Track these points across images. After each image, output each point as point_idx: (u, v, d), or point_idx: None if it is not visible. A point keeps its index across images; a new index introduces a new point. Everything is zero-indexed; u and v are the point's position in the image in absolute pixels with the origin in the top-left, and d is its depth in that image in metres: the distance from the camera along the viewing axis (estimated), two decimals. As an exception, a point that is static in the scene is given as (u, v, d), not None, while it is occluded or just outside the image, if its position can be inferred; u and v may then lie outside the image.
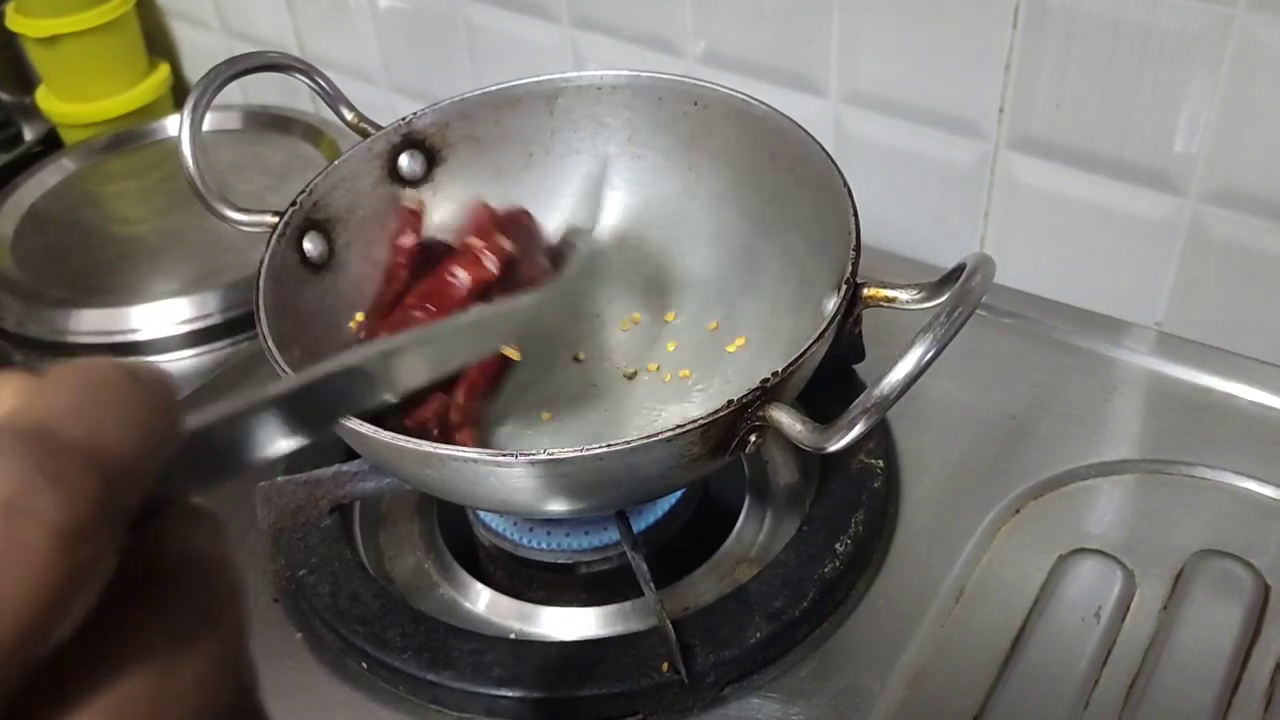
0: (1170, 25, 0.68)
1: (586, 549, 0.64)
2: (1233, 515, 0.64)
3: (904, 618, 0.61)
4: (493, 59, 1.01)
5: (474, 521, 0.67)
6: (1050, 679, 0.57)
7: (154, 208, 1.06)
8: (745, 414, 0.50)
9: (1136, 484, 0.66)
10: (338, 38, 1.12)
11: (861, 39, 0.80)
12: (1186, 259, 0.76)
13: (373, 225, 0.68)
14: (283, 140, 1.09)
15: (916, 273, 0.60)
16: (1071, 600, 0.60)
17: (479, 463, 0.50)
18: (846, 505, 0.64)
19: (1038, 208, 0.80)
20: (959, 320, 0.46)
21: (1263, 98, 0.68)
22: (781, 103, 0.72)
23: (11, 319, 0.93)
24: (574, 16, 0.93)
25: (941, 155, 0.82)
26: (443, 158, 0.71)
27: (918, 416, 0.70)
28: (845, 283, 0.55)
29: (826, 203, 0.61)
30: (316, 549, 0.64)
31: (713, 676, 0.57)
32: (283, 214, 0.63)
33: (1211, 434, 0.68)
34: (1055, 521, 0.65)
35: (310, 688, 0.60)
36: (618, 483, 0.53)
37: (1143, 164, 0.74)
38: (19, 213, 1.04)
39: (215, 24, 1.22)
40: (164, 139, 1.14)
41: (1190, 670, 0.57)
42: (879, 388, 0.46)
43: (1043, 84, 0.74)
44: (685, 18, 0.87)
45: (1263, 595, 0.60)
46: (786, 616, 0.59)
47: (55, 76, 1.20)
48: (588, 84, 0.71)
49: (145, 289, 0.94)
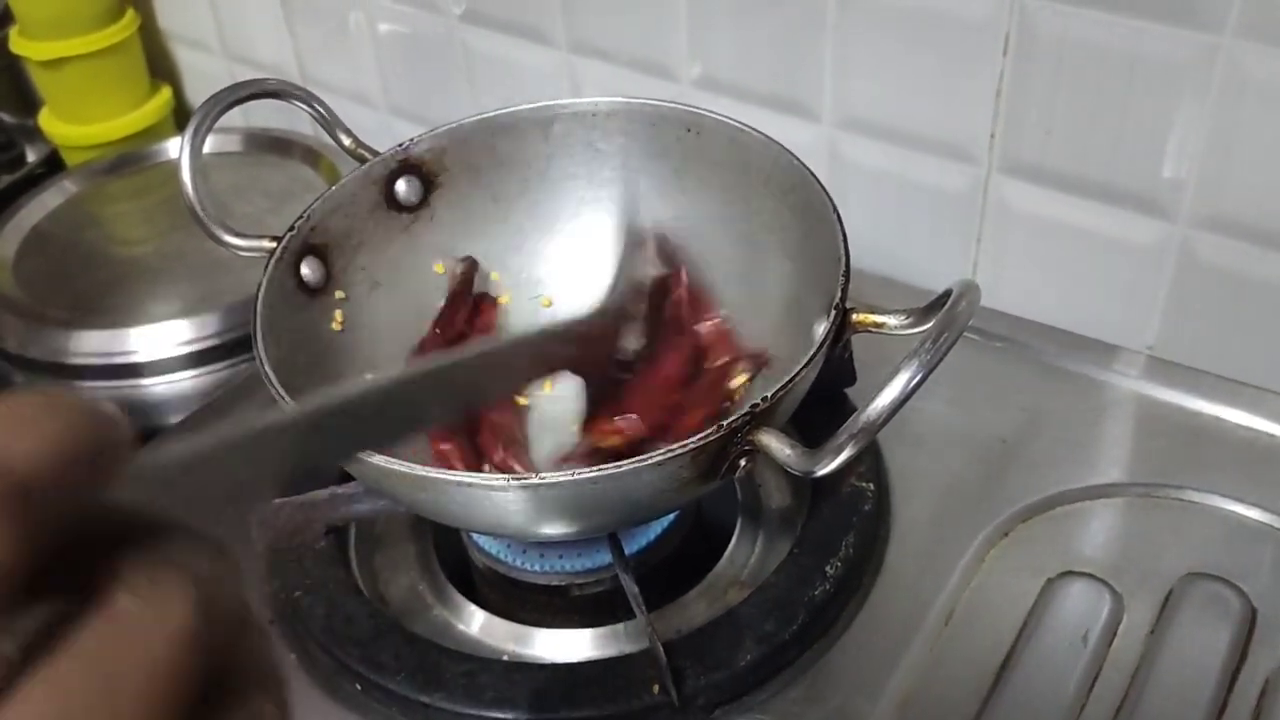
0: (1157, 53, 0.69)
1: (579, 571, 0.65)
2: (1221, 539, 0.65)
3: (894, 640, 0.62)
4: (491, 83, 1.02)
5: (468, 544, 0.68)
6: (1038, 702, 0.58)
7: (155, 229, 1.07)
8: (734, 438, 0.51)
9: (1125, 507, 0.67)
10: (337, 61, 1.13)
11: (855, 65, 0.81)
12: (1177, 284, 0.76)
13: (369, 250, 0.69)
14: (282, 163, 1.10)
15: (909, 296, 0.61)
16: (1060, 623, 0.61)
17: (472, 486, 0.51)
18: (837, 528, 0.64)
19: (1029, 232, 0.81)
20: (945, 346, 0.47)
21: (1250, 125, 0.69)
22: (776, 128, 0.73)
23: (13, 340, 0.93)
24: (571, 41, 0.94)
25: (934, 180, 0.82)
26: (439, 183, 0.72)
27: (909, 439, 0.71)
28: (834, 308, 0.56)
29: (817, 229, 0.62)
30: (312, 571, 0.65)
31: (703, 699, 0.58)
32: (280, 239, 0.64)
33: (1200, 457, 0.69)
34: (1044, 544, 0.65)
35: (304, 709, 0.61)
36: (609, 506, 0.54)
37: (1132, 190, 0.75)
38: (21, 234, 1.05)
39: (216, 47, 1.23)
40: (165, 161, 1.14)
41: (1177, 694, 0.58)
42: (865, 413, 0.47)
43: (1033, 111, 0.75)
44: (680, 43, 0.88)
45: (1250, 618, 0.60)
46: (777, 639, 0.59)
47: (58, 99, 1.21)
48: (583, 110, 0.72)
49: (146, 310, 0.94)
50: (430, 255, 0.72)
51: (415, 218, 0.72)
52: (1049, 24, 0.71)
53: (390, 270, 0.70)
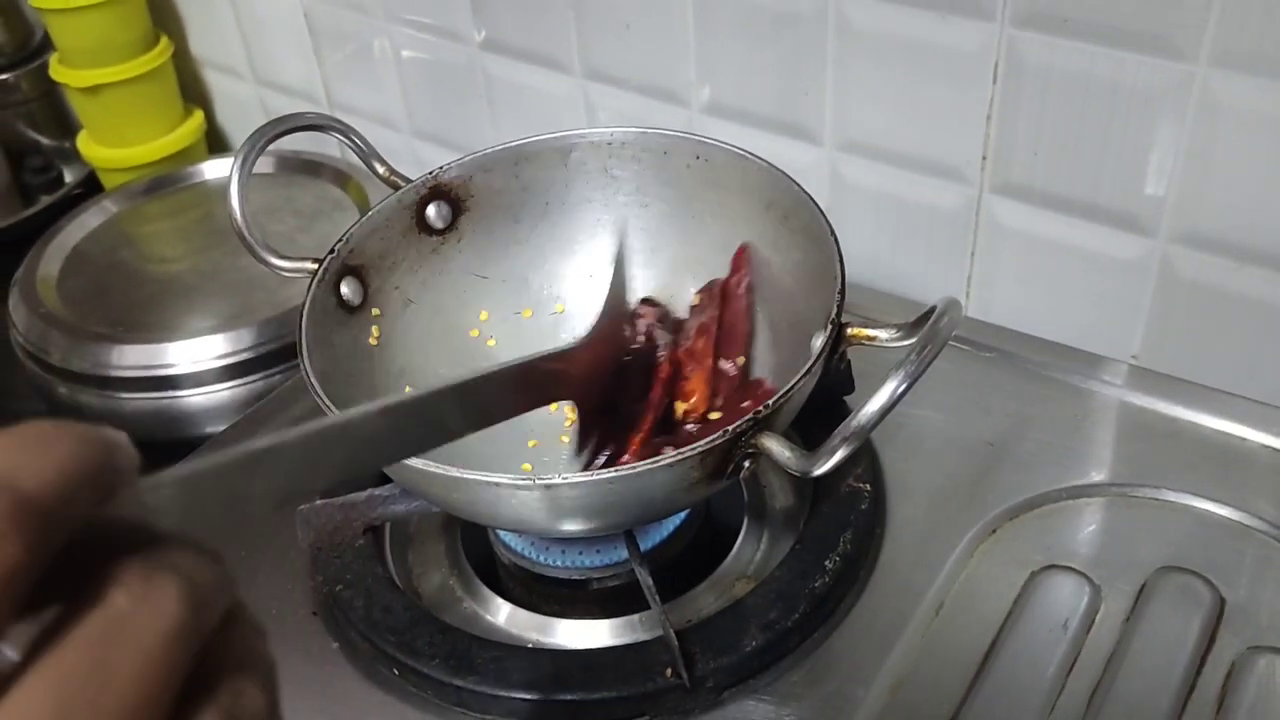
0: (1136, 81, 0.71)
1: (598, 566, 0.67)
2: (1193, 534, 0.67)
3: (888, 629, 0.64)
4: (509, 107, 1.04)
5: (494, 541, 0.71)
6: (1021, 685, 0.60)
7: (190, 247, 1.08)
8: (739, 442, 0.54)
9: (1105, 506, 0.69)
10: (363, 86, 1.15)
11: (854, 91, 0.83)
12: (1158, 296, 0.78)
13: (402, 270, 0.73)
14: (312, 184, 1.12)
15: (907, 308, 0.62)
16: (1042, 613, 0.63)
17: (501, 486, 0.54)
18: (836, 526, 0.67)
19: (1019, 248, 0.82)
20: (928, 357, 0.51)
21: (1223, 147, 0.70)
22: (780, 150, 0.76)
23: (57, 354, 0.95)
24: (586, 69, 0.96)
25: (930, 199, 0.84)
26: (466, 207, 0.75)
27: (903, 443, 0.73)
28: (831, 323, 0.59)
29: (816, 249, 0.65)
30: (351, 566, 0.68)
31: (712, 681, 0.61)
32: (322, 261, 0.68)
33: (1175, 460, 0.71)
34: (1029, 540, 0.67)
35: (347, 692, 0.64)
36: (625, 504, 0.57)
37: (1115, 208, 0.76)
38: (63, 254, 1.06)
39: (246, 73, 1.26)
40: (199, 182, 1.17)
41: (1149, 676, 0.60)
42: (857, 418, 0.50)
43: (1021, 134, 0.77)
44: (690, 71, 0.90)
45: (1218, 608, 0.63)
46: (780, 627, 0.62)
47: (96, 123, 1.24)
48: (599, 140, 0.75)
49: (183, 325, 0.96)
50: (458, 274, 0.75)
51: (444, 239, 0.75)
52: (1035, 54, 0.74)
53: (421, 289, 0.74)
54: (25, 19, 1.30)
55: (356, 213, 1.06)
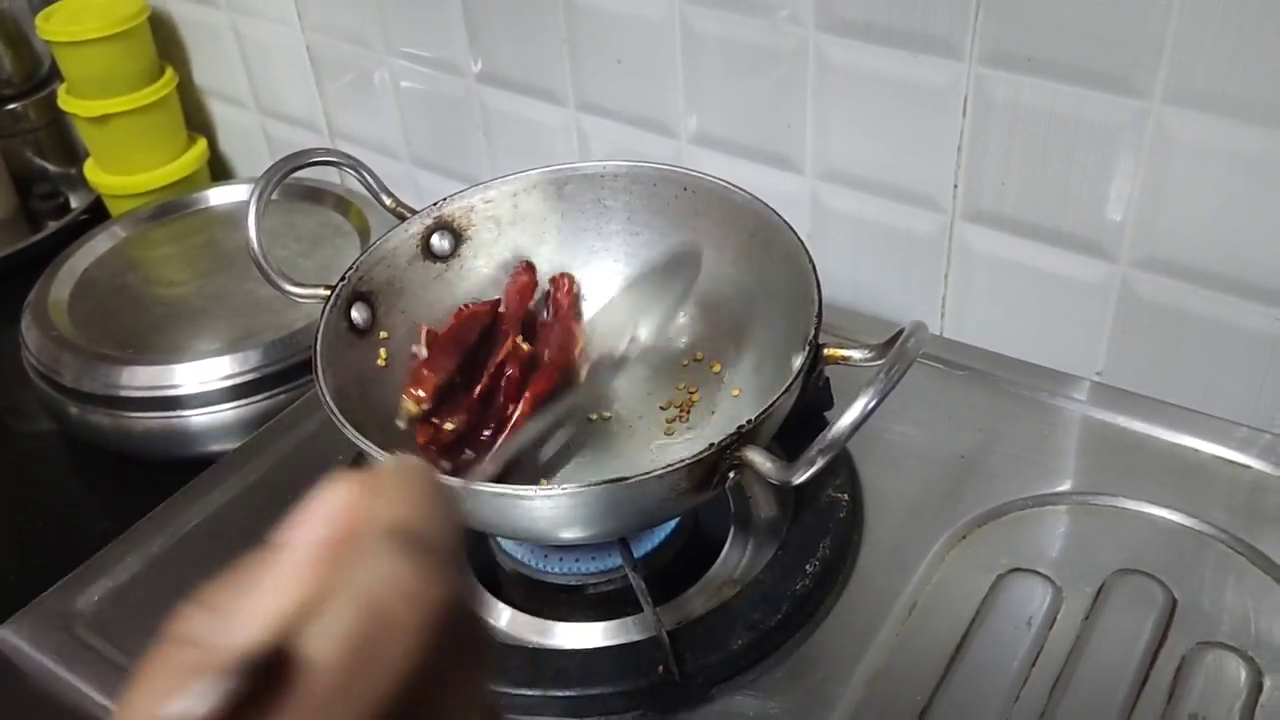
0: (1096, 116, 0.74)
1: (594, 572, 0.71)
2: (1149, 540, 0.70)
3: (865, 628, 0.67)
4: (505, 137, 1.07)
5: (496, 550, 0.74)
6: (988, 678, 0.64)
7: (196, 272, 1.10)
8: (724, 455, 0.58)
9: (1067, 513, 0.73)
10: (363, 116, 1.17)
11: (834, 124, 0.86)
12: (1119, 317, 0.82)
13: (408, 296, 0.77)
14: (314, 210, 1.14)
15: (883, 329, 0.65)
16: (1007, 612, 0.67)
17: (504, 496, 0.58)
18: (817, 533, 0.70)
19: (990, 272, 0.86)
20: (896, 376, 0.55)
21: (1176, 178, 0.74)
22: (765, 179, 0.78)
23: (69, 375, 0.98)
24: (579, 101, 0.99)
25: (905, 225, 0.88)
26: (468, 236, 0.79)
27: (880, 456, 0.77)
28: (808, 344, 0.63)
29: (796, 275, 0.69)
30: None
31: (702, 678, 0.64)
32: (334, 287, 0.71)
33: (1135, 470, 0.74)
34: (996, 545, 0.71)
35: None
36: (619, 512, 0.61)
37: (1079, 234, 0.80)
38: (74, 278, 1.09)
39: (250, 102, 1.28)
40: (204, 208, 1.19)
41: (1106, 670, 0.63)
42: (831, 431, 0.54)
43: (990, 164, 0.81)
44: (678, 103, 0.93)
45: (1170, 607, 0.66)
46: (765, 627, 0.65)
47: (103, 151, 1.26)
48: (592, 172, 0.79)
49: (190, 347, 0.99)
50: (461, 299, 0.79)
51: (448, 266, 0.78)
52: (1002, 90, 0.77)
53: (426, 312, 0.77)
54: (34, 50, 1.32)
55: (357, 238, 1.10)
